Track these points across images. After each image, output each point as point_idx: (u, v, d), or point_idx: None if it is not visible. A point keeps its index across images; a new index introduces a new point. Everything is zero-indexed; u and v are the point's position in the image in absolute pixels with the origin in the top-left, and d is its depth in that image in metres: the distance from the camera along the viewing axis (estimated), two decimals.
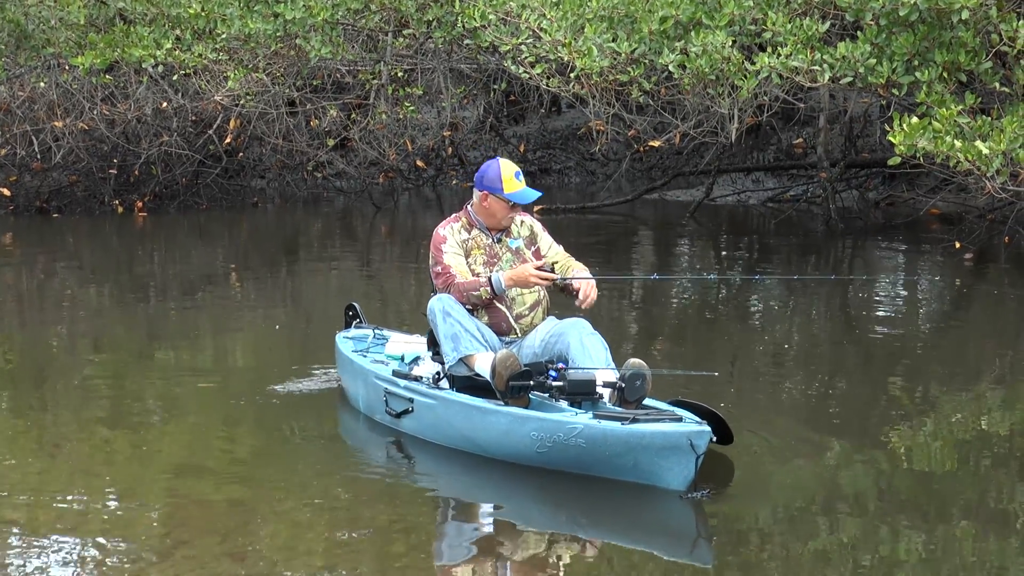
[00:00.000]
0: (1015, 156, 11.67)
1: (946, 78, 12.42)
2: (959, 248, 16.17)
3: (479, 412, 8.15)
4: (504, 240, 8.74)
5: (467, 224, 8.74)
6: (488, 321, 8.57)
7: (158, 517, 7.42)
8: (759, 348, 11.99)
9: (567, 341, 8.30)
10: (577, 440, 7.66)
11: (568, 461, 7.77)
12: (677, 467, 7.46)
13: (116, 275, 16.22)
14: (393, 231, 20.44)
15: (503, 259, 8.68)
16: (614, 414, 7.70)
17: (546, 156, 24.92)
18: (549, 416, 7.86)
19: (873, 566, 6.73)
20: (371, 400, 9.10)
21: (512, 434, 7.95)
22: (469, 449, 8.30)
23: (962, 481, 8.17)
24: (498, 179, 8.58)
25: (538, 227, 8.90)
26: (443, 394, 8.43)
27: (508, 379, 8.01)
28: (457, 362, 8.37)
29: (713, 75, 13.18)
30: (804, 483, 7.98)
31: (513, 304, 8.60)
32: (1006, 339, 12.44)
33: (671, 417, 7.66)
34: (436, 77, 20.30)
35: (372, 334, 10.01)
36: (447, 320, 8.38)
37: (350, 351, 9.65)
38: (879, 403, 9.99)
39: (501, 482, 8.09)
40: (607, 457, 7.64)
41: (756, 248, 18.49)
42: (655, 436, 7.47)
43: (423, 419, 8.55)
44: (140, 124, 20.05)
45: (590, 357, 8.20)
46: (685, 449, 7.41)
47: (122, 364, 11.37)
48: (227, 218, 20.84)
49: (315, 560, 6.76)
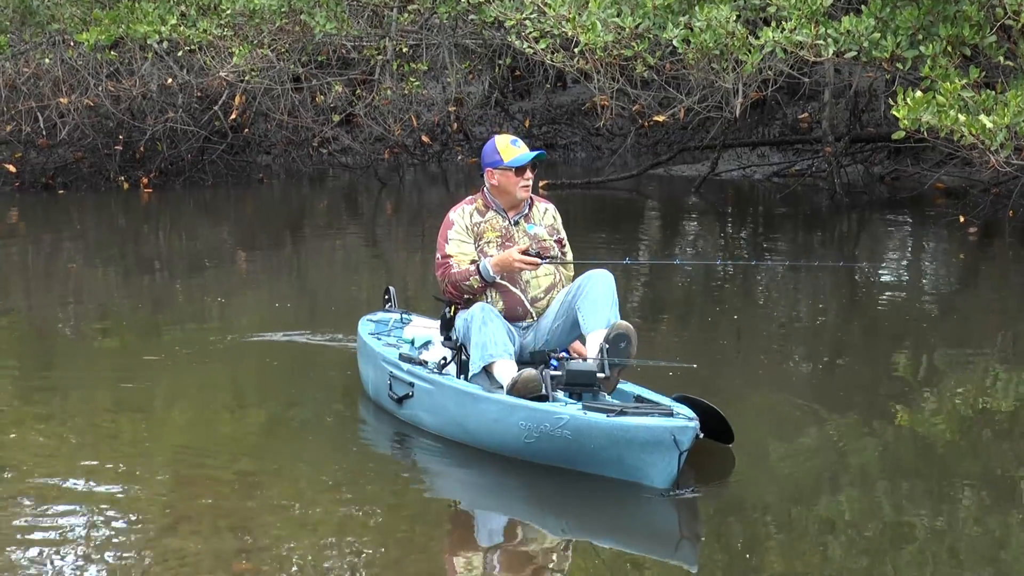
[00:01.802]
0: (1019, 130, 11.66)
1: (950, 52, 12.40)
2: (963, 222, 16.17)
3: (471, 399, 7.98)
4: (522, 224, 8.50)
5: (482, 206, 8.51)
6: (503, 307, 8.35)
7: (162, 491, 7.46)
8: (763, 323, 12.01)
9: (584, 291, 8.13)
10: (563, 431, 7.49)
11: (555, 453, 7.61)
12: (660, 463, 7.26)
13: (121, 251, 16.25)
14: (399, 207, 20.44)
15: (519, 243, 8.41)
16: (603, 406, 7.52)
17: (551, 131, 24.89)
18: (537, 406, 7.66)
19: (875, 542, 6.75)
20: (378, 384, 8.92)
21: (501, 423, 7.78)
22: (461, 438, 8.13)
23: (966, 455, 8.20)
24: (495, 152, 8.43)
25: (560, 221, 8.70)
26: (440, 379, 8.25)
27: (524, 398, 7.78)
28: (480, 371, 8.14)
29: (717, 50, 13.15)
30: (799, 477, 7.82)
31: (528, 287, 8.39)
32: (1009, 313, 12.45)
33: (661, 411, 7.45)
34: (441, 52, 20.29)
35: (398, 317, 9.69)
36: (482, 330, 8.11)
37: (367, 334, 9.39)
38: (883, 378, 10.01)
39: (489, 479, 7.96)
40: (592, 450, 7.46)
41: (761, 223, 18.49)
42: (639, 430, 7.27)
43: (421, 404, 8.39)
44: (145, 100, 20.05)
45: (596, 309, 8.03)
46: (668, 444, 7.20)
47: (128, 340, 11.40)
48: (232, 194, 20.84)
49: (318, 536, 6.80)
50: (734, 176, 21.66)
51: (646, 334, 8.30)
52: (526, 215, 8.53)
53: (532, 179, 8.46)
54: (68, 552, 6.53)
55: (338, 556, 6.54)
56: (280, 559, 6.47)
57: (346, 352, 10.31)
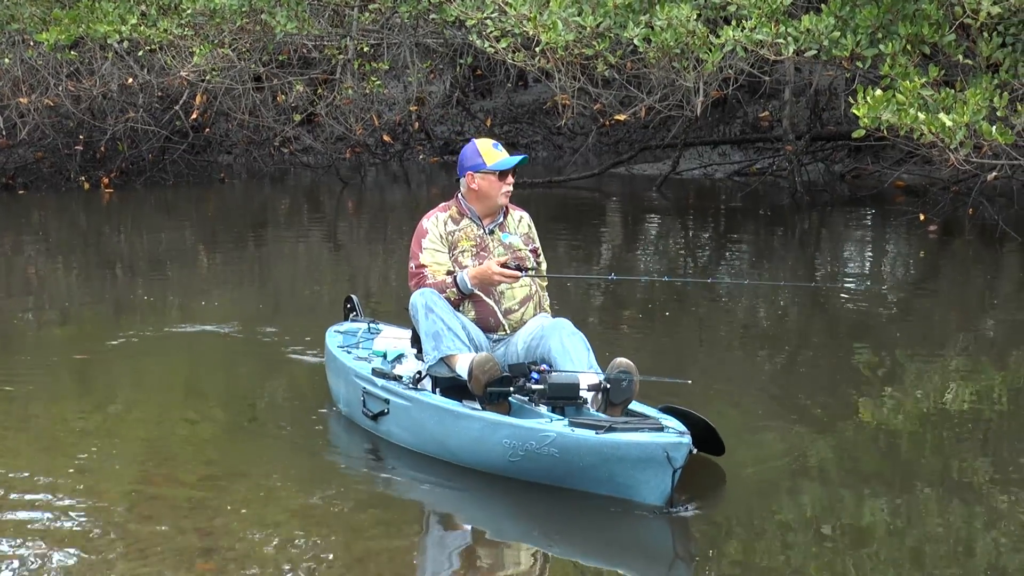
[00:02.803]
0: (978, 128, 11.73)
1: (910, 51, 12.46)
2: (923, 220, 16.25)
3: (451, 416, 7.66)
4: (497, 233, 8.22)
5: (457, 214, 8.22)
6: (475, 316, 8.06)
7: (125, 491, 7.43)
8: (725, 323, 12.04)
9: (548, 344, 7.82)
10: (550, 449, 7.17)
11: (541, 471, 7.30)
12: (654, 480, 6.95)
13: (83, 251, 16.19)
14: (360, 206, 20.43)
15: (494, 253, 8.14)
16: (590, 421, 7.18)
17: (513, 130, 24.92)
18: (522, 423, 7.35)
19: (839, 536, 6.78)
20: (350, 400, 8.57)
21: (484, 441, 7.47)
22: (442, 456, 7.80)
23: (925, 454, 8.24)
24: (477, 155, 8.19)
25: (534, 231, 8.44)
26: (418, 395, 7.91)
27: (486, 384, 7.56)
28: (438, 362, 7.86)
29: (678, 49, 13.19)
30: (790, 488, 7.54)
31: (502, 298, 8.08)
32: (970, 311, 12.52)
33: (652, 426, 7.11)
34: (402, 52, 20.28)
35: (366, 327, 9.37)
36: (429, 317, 7.85)
37: (335, 346, 9.05)
38: (843, 377, 10.03)
39: (474, 495, 7.60)
40: (581, 468, 7.16)
41: (723, 222, 18.55)
42: (630, 447, 6.96)
43: (398, 421, 8.05)
44: (106, 100, 20.02)
45: (571, 359, 7.72)
46: (661, 462, 6.89)
47: (89, 341, 11.35)
48: (194, 194, 20.81)
49: (281, 535, 6.79)
50: (695, 175, 21.73)
51: (606, 335, 8.09)
52: (500, 223, 8.28)
53: (512, 185, 8.26)
54: (30, 551, 6.50)
55: (301, 556, 6.53)
56: (243, 559, 6.46)
57: (310, 353, 10.28)
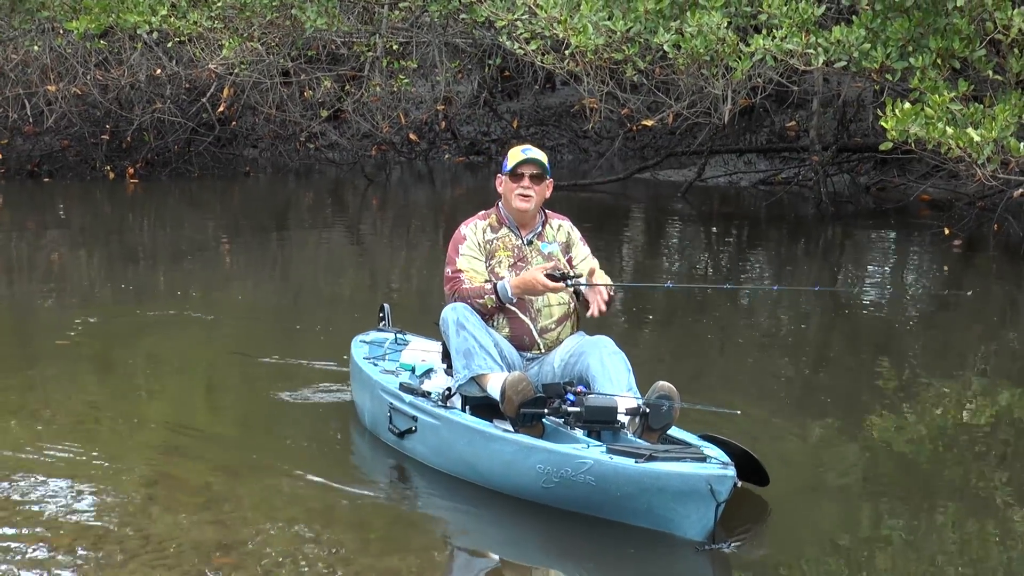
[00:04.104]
0: (1006, 144, 11.68)
1: (940, 64, 12.42)
2: (948, 235, 16.19)
3: (482, 437, 7.31)
4: (536, 243, 7.90)
5: (496, 222, 7.92)
6: (509, 334, 7.74)
7: (142, 481, 7.44)
8: (746, 334, 12.02)
9: (587, 362, 7.49)
10: (586, 477, 6.78)
11: (576, 500, 6.91)
12: (695, 514, 6.56)
13: (106, 241, 16.22)
14: (384, 204, 20.44)
15: (532, 263, 7.81)
16: (630, 449, 6.79)
17: (539, 132, 24.92)
18: (557, 448, 6.98)
19: (857, 551, 6.76)
20: (376, 414, 8.22)
21: (516, 465, 7.11)
22: (471, 478, 7.42)
23: (945, 468, 8.22)
24: (506, 160, 7.92)
25: (576, 235, 8.04)
26: (447, 414, 7.55)
27: (519, 405, 7.21)
28: (468, 381, 7.54)
29: (708, 56, 13.16)
30: (834, 521, 7.14)
31: (539, 316, 7.75)
32: (991, 327, 12.47)
33: (694, 456, 6.72)
34: (431, 51, 20.29)
35: (393, 338, 9.02)
36: (460, 333, 7.54)
37: (362, 358, 8.71)
38: (863, 388, 10.00)
39: (504, 521, 7.22)
40: (618, 498, 6.74)
41: (747, 230, 18.51)
42: (671, 478, 6.56)
43: (426, 440, 7.69)
44: (133, 90, 20.06)
45: (610, 380, 7.38)
46: (704, 495, 6.50)
47: (110, 329, 11.37)
48: (218, 187, 20.84)
49: (300, 530, 6.78)
50: (720, 182, 21.69)
51: (624, 345, 7.89)
52: (539, 233, 7.96)
53: (533, 190, 7.83)
54: (46, 545, 6.50)
55: (319, 551, 6.52)
56: (261, 553, 6.45)
57: (330, 354, 10.22)
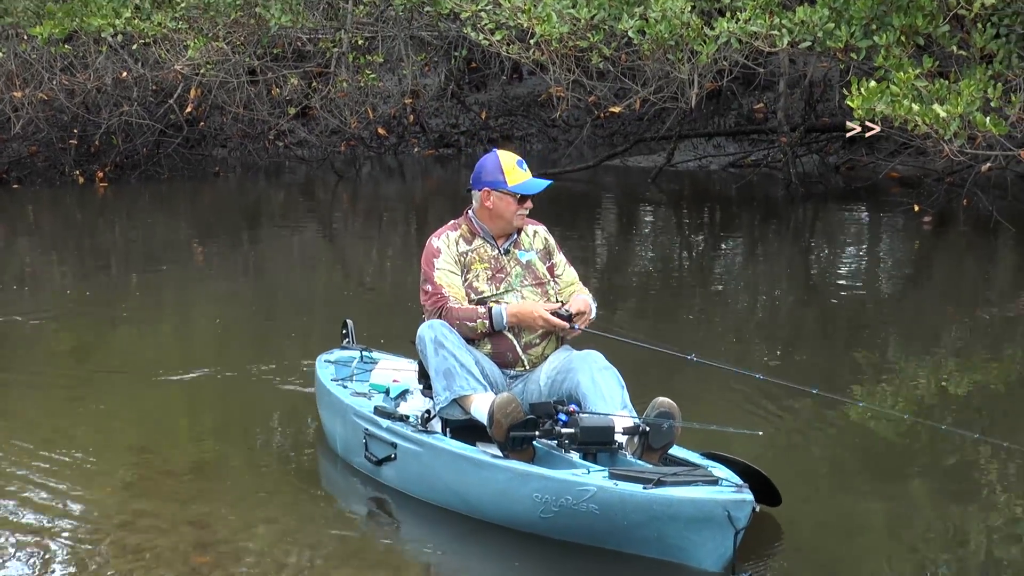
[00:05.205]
0: (972, 119, 11.72)
1: (904, 42, 12.45)
2: (918, 211, 16.25)
3: (472, 465, 6.77)
4: (513, 252, 7.38)
5: (468, 233, 7.39)
6: (491, 351, 7.22)
7: (120, 487, 7.44)
8: (722, 314, 12.05)
9: (576, 379, 6.99)
10: (589, 505, 6.25)
11: (578, 530, 6.39)
12: (711, 543, 6.04)
13: (78, 246, 16.19)
14: (355, 199, 20.42)
15: (511, 274, 7.32)
16: (635, 473, 6.29)
17: (508, 123, 24.91)
18: (555, 475, 6.45)
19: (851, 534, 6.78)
20: (349, 441, 7.66)
21: (511, 494, 6.57)
22: (460, 509, 6.89)
23: (919, 445, 8.25)
24: (499, 171, 7.31)
25: (552, 241, 7.54)
26: (431, 440, 7.01)
27: (508, 428, 6.69)
28: (450, 403, 7.02)
29: (673, 40, 13.18)
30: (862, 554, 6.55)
31: (522, 332, 7.23)
32: (964, 302, 12.53)
33: (704, 478, 6.20)
34: (397, 44, 20.24)
35: (359, 356, 8.53)
36: (439, 352, 7.03)
37: (328, 379, 8.17)
38: (839, 367, 10.03)
39: (498, 553, 6.71)
40: (625, 527, 6.22)
41: (718, 214, 18.55)
42: (684, 504, 6.04)
43: (408, 468, 7.15)
44: (100, 94, 19.97)
45: (603, 397, 6.90)
46: (721, 522, 5.98)
47: (84, 335, 11.36)
48: (188, 188, 20.79)
49: (276, 529, 6.79)
50: (690, 167, 21.71)
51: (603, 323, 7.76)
52: (515, 241, 7.43)
53: (531, 208, 7.42)
54: (25, 548, 6.50)
55: (296, 549, 6.53)
56: (238, 552, 6.46)
57: (307, 355, 10.15)
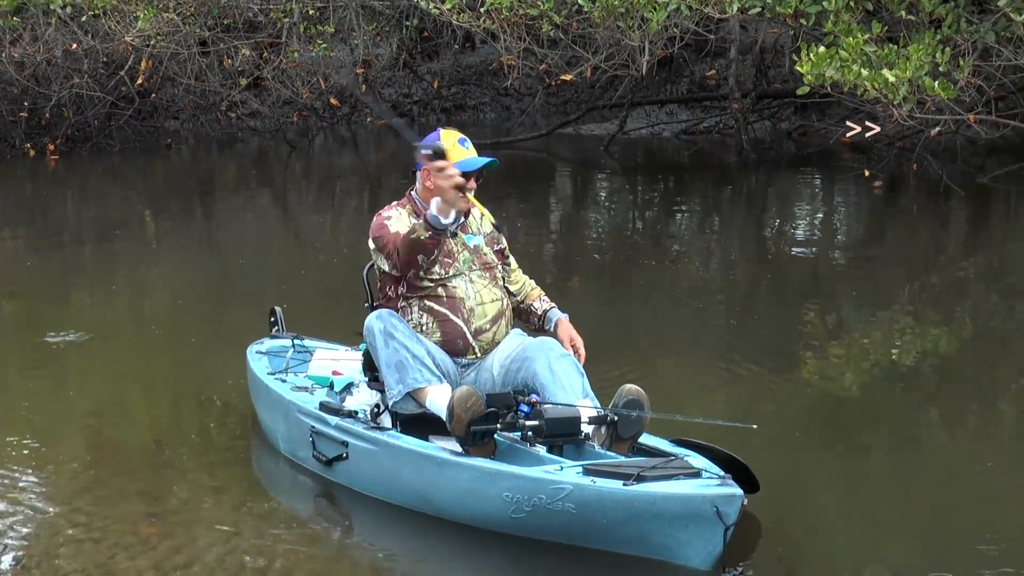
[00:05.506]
0: (921, 83, 11.79)
1: (853, 7, 12.49)
2: (868, 176, 16.33)
3: (434, 464, 6.31)
4: (460, 235, 6.95)
5: (413, 212, 6.93)
6: (440, 339, 6.80)
7: (71, 457, 7.46)
8: (676, 281, 12.10)
9: (533, 368, 6.63)
10: (565, 504, 5.81)
11: (553, 529, 5.94)
12: (699, 540, 5.64)
13: (30, 220, 16.11)
14: (309, 170, 20.40)
15: (459, 258, 6.88)
16: (611, 468, 5.86)
17: (460, 92, 24.90)
18: (526, 473, 5.98)
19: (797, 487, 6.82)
20: (294, 439, 7.19)
21: (478, 493, 6.12)
22: (422, 509, 6.42)
23: (874, 407, 8.32)
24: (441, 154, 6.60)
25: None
26: (386, 438, 6.56)
27: (469, 423, 6.28)
28: (404, 397, 6.62)
29: (623, 8, 13.20)
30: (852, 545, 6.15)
31: (472, 317, 6.82)
32: (915, 265, 12.61)
33: (686, 471, 5.79)
34: (348, 14, 20.20)
35: (291, 346, 8.03)
36: (390, 344, 6.63)
37: (265, 373, 7.66)
38: (793, 333, 10.09)
39: (463, 551, 6.25)
40: (605, 526, 5.80)
41: (672, 181, 18.59)
42: (668, 501, 5.63)
43: (361, 468, 6.69)
44: (50, 66, 19.85)
45: (563, 387, 6.53)
46: (710, 518, 5.58)
47: (38, 310, 11.32)
48: (141, 160, 20.71)
49: (226, 499, 6.82)
50: (643, 134, 21.74)
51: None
52: (462, 224, 6.98)
53: (475, 188, 6.80)
54: None
55: (248, 520, 6.54)
56: (188, 522, 6.48)
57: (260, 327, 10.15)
